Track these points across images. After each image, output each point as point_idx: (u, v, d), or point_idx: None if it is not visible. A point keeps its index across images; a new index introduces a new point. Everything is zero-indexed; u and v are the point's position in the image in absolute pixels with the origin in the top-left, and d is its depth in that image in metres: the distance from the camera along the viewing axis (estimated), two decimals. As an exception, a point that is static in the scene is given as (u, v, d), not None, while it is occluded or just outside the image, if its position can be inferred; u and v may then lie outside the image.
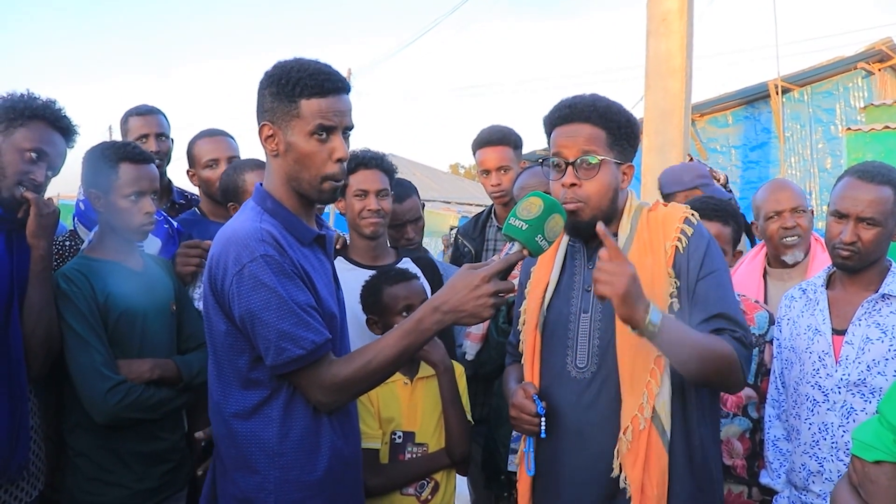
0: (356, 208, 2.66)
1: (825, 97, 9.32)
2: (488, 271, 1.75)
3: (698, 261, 1.90)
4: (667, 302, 1.88)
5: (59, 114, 2.19)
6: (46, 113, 2.16)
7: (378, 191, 2.67)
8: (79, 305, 2.19)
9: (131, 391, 2.20)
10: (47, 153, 2.16)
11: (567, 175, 1.91)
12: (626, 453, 1.85)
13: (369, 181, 2.66)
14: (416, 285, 2.46)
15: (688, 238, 1.92)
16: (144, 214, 2.30)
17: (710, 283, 1.89)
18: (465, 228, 3.61)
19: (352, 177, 2.64)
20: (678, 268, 1.90)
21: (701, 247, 1.92)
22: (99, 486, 2.23)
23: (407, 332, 1.79)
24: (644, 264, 1.89)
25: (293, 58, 1.85)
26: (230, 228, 1.81)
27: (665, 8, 6.02)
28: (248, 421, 1.80)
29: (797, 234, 2.87)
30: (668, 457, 1.85)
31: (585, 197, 1.91)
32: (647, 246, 1.93)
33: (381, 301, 2.41)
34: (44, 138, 2.15)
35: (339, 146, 1.81)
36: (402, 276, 2.46)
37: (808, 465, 2.29)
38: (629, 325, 1.72)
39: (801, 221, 2.88)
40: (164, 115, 3.41)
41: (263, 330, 1.71)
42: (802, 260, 2.90)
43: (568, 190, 1.91)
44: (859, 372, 2.20)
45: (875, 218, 2.20)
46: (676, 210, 1.99)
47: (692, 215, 1.97)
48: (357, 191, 2.65)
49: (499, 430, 2.73)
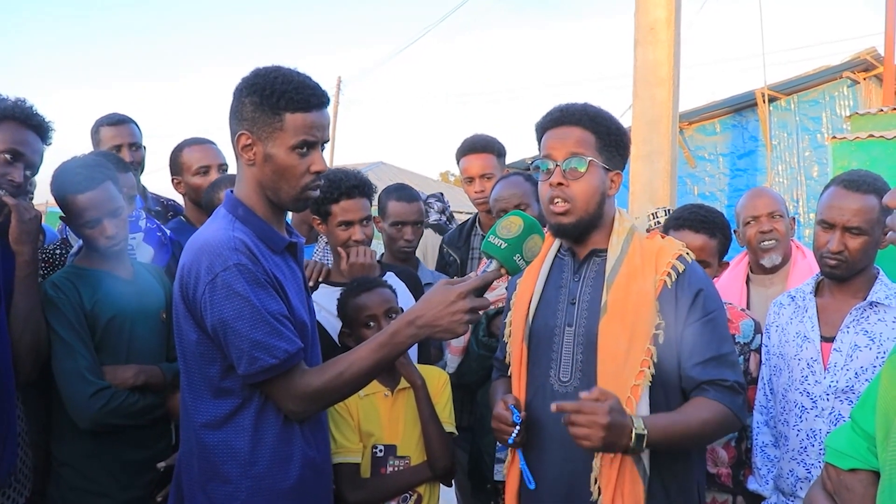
0: (341, 238, 2.63)
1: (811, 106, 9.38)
2: (464, 287, 1.74)
3: (689, 302, 1.90)
4: (650, 333, 1.87)
5: (29, 112, 2.17)
6: (17, 112, 2.14)
7: (362, 219, 2.64)
8: (65, 312, 2.19)
9: (115, 396, 2.18)
10: (22, 153, 2.14)
11: (555, 175, 1.92)
12: (600, 476, 1.84)
13: (353, 211, 2.61)
14: (381, 294, 2.40)
15: (678, 274, 1.91)
16: (105, 238, 2.27)
17: (705, 327, 1.90)
18: (451, 237, 3.61)
19: (334, 206, 2.60)
20: (663, 302, 1.90)
21: (693, 288, 1.91)
22: (84, 496, 2.21)
23: (381, 344, 1.79)
24: (630, 290, 1.90)
25: (272, 66, 1.82)
26: (202, 237, 1.80)
27: (653, 17, 6.04)
28: (220, 430, 1.78)
29: (774, 238, 2.90)
30: (644, 484, 1.84)
31: (572, 198, 1.92)
32: (638, 272, 1.92)
33: (347, 313, 2.40)
34: (17, 138, 2.13)
35: (318, 160, 1.82)
36: (365, 285, 2.42)
37: (797, 472, 2.29)
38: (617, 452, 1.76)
39: (777, 226, 2.91)
40: (136, 124, 3.39)
41: (236, 339, 1.70)
42: (780, 264, 2.94)
43: (555, 189, 1.92)
44: (847, 379, 2.21)
45: (861, 227, 2.22)
46: (672, 245, 1.98)
47: (687, 253, 1.97)
48: (340, 221, 2.61)
49: (483, 439, 2.72)
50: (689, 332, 1.89)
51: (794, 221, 3.06)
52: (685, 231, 2.62)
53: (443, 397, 2.46)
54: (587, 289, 1.97)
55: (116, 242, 2.30)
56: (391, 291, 2.45)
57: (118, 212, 2.31)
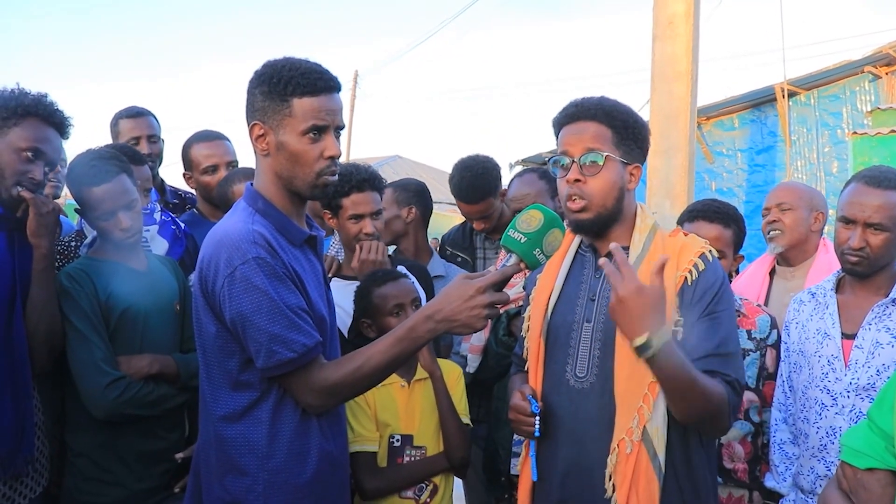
0: (352, 231, 2.64)
1: (832, 101, 9.27)
2: (484, 282, 1.73)
3: (705, 297, 1.86)
4: (670, 329, 1.85)
5: (51, 109, 2.18)
6: (39, 109, 2.15)
7: (373, 212, 2.65)
8: (80, 303, 2.20)
9: (130, 387, 2.19)
10: (44, 151, 2.14)
11: (572, 171, 1.90)
12: (615, 474, 1.82)
13: (363, 204, 2.63)
14: (405, 284, 2.44)
15: (699, 272, 1.88)
16: (120, 231, 2.28)
17: (714, 322, 1.85)
18: (454, 238, 3.53)
19: (345, 200, 2.62)
20: (683, 299, 1.87)
21: (711, 284, 1.88)
22: (98, 486, 2.23)
23: (399, 339, 1.78)
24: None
25: (283, 57, 1.83)
26: (221, 229, 1.79)
27: (671, 11, 6.00)
28: (238, 423, 1.79)
29: (778, 229, 3.01)
30: (658, 482, 1.80)
31: (590, 194, 1.89)
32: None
33: (372, 302, 2.40)
34: (39, 136, 2.14)
35: (331, 144, 1.80)
36: (391, 275, 2.45)
37: (817, 469, 2.27)
38: (627, 338, 1.67)
39: (784, 217, 3.01)
40: (154, 117, 3.39)
41: (254, 332, 1.70)
42: (798, 257, 3.03)
43: (572, 186, 1.90)
44: (868, 376, 2.18)
45: (883, 223, 2.19)
46: (696, 243, 1.95)
47: (710, 251, 1.93)
48: (351, 215, 2.62)
49: (498, 432, 2.72)
50: (695, 328, 1.85)
51: (822, 216, 3.08)
52: (699, 222, 2.64)
53: (457, 390, 2.47)
54: (607, 285, 1.92)
55: (131, 235, 2.31)
56: (412, 283, 2.46)
57: (133, 204, 2.32)
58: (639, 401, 1.81)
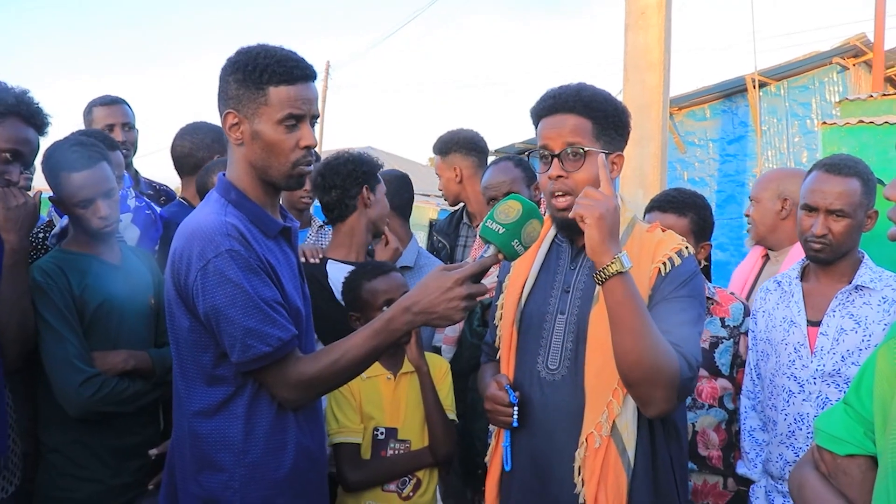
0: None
1: (801, 91, 9.37)
2: (461, 273, 1.71)
3: (673, 283, 1.83)
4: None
5: (33, 108, 2.14)
6: (21, 109, 2.11)
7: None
8: (53, 298, 2.17)
9: (105, 384, 2.17)
10: (22, 153, 2.12)
11: (553, 167, 1.86)
12: (584, 468, 1.81)
13: None
14: (396, 278, 2.41)
15: (673, 266, 1.85)
16: (98, 219, 2.25)
17: (676, 304, 1.81)
18: (441, 225, 3.60)
19: None
20: (655, 290, 1.84)
21: (681, 273, 1.85)
22: (72, 482, 2.21)
23: (376, 331, 1.76)
24: None
25: (258, 44, 1.79)
26: (193, 221, 1.75)
27: (644, 2, 6.01)
28: (213, 419, 1.76)
29: (750, 223, 3.06)
30: (627, 476, 1.79)
31: (573, 188, 1.85)
32: (635, 261, 1.83)
33: (361, 297, 2.37)
34: (19, 138, 2.11)
35: (307, 134, 1.78)
36: (381, 269, 2.42)
37: (785, 455, 2.31)
38: (595, 259, 1.67)
39: (752, 211, 3.04)
40: (128, 105, 3.37)
41: (229, 327, 1.67)
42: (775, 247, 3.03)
43: (555, 182, 1.87)
44: (834, 363, 2.23)
45: (844, 210, 2.23)
46: (673, 239, 1.92)
47: (686, 248, 1.91)
48: None
49: (474, 424, 2.72)
50: (658, 307, 1.82)
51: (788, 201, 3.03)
52: (654, 213, 2.67)
53: (444, 385, 2.45)
54: (583, 277, 1.93)
55: (109, 224, 2.27)
56: (402, 276, 2.45)
57: (111, 192, 2.28)
58: (608, 395, 1.80)
